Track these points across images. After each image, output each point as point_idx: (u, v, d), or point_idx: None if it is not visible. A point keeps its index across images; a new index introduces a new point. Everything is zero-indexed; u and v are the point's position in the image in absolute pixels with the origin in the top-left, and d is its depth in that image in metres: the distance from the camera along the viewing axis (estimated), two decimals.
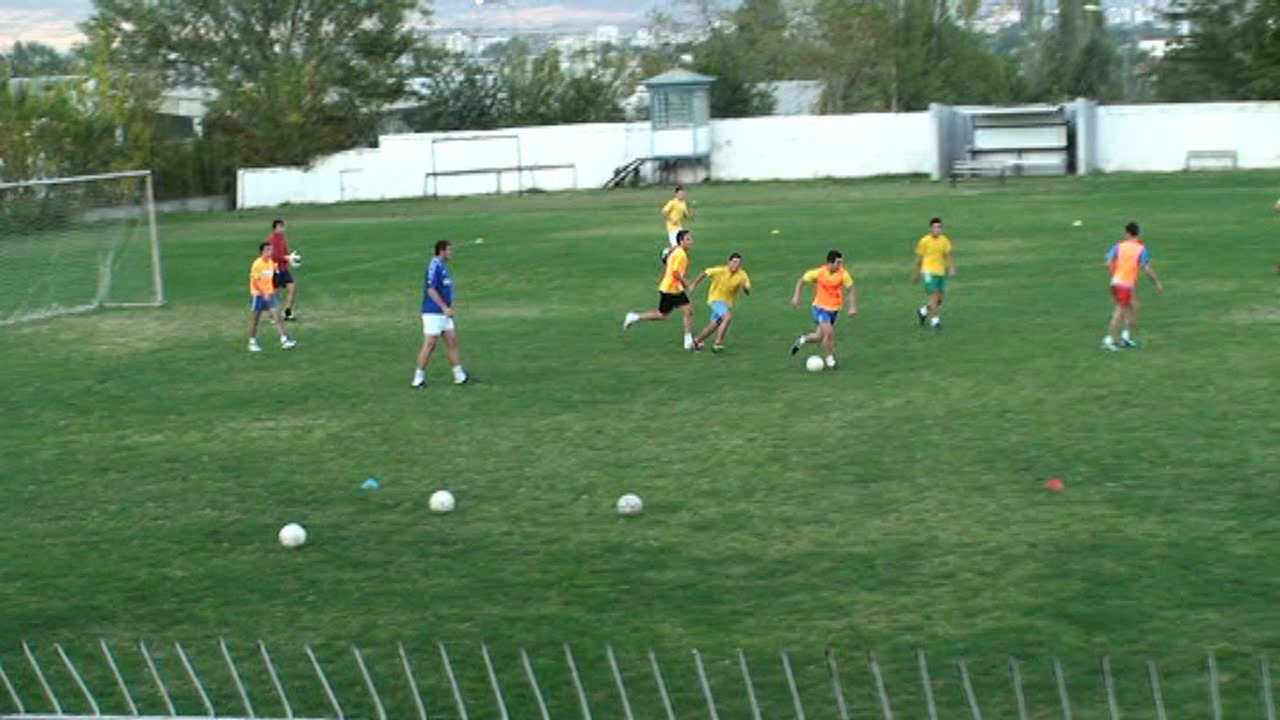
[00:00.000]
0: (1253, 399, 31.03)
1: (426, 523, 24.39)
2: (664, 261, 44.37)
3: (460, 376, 35.97)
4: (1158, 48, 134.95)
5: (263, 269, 42.42)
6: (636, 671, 16.59)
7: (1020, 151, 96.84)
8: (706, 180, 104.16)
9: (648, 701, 14.99)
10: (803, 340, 36.65)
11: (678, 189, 63.09)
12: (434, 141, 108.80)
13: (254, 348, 41.99)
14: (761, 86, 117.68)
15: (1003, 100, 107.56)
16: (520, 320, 44.86)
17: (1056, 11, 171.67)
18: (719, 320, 38.40)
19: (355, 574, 21.88)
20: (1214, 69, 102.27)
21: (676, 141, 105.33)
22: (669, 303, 39.77)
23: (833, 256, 36.91)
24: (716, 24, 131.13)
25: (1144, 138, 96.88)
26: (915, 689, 15.60)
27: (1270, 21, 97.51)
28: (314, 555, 22.75)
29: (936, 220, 42.81)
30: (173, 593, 21.26)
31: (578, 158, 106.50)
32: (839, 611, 19.59)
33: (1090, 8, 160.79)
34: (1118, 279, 36.92)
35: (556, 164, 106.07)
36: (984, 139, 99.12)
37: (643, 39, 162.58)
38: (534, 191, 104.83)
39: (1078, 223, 64.50)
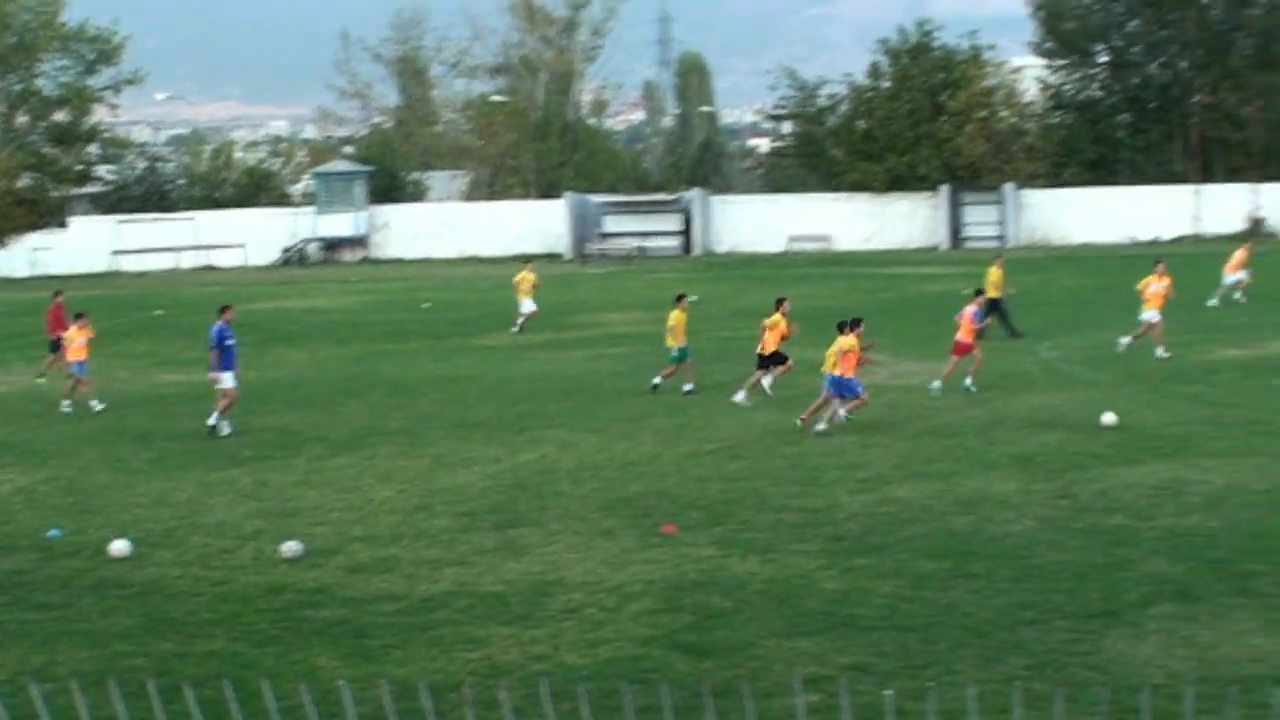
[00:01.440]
0: (842, 452, 31.64)
1: (106, 568, 23.89)
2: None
3: (212, 421, 35.96)
4: (763, 145, 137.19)
5: (77, 337, 41.13)
6: (295, 701, 16.38)
7: (643, 235, 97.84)
8: (365, 260, 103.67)
9: None
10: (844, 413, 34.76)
11: (527, 262, 62.80)
12: (119, 222, 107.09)
13: (96, 407, 40.51)
14: (416, 175, 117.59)
15: (628, 189, 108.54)
16: (196, 384, 44.17)
17: (676, 112, 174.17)
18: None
19: (39, 615, 21.37)
20: (811, 164, 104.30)
21: (339, 224, 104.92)
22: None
23: (855, 323, 35.28)
24: (376, 119, 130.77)
25: (750, 223, 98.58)
26: (543, 713, 15.62)
27: (860, 123, 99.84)
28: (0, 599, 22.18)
29: (681, 296, 42.24)
30: None
31: (249, 238, 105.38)
32: (477, 644, 19.60)
33: (705, 109, 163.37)
34: (959, 336, 38.83)
35: (230, 244, 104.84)
36: (612, 223, 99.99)
37: (310, 132, 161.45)
38: (209, 269, 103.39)
39: (694, 298, 65.32)
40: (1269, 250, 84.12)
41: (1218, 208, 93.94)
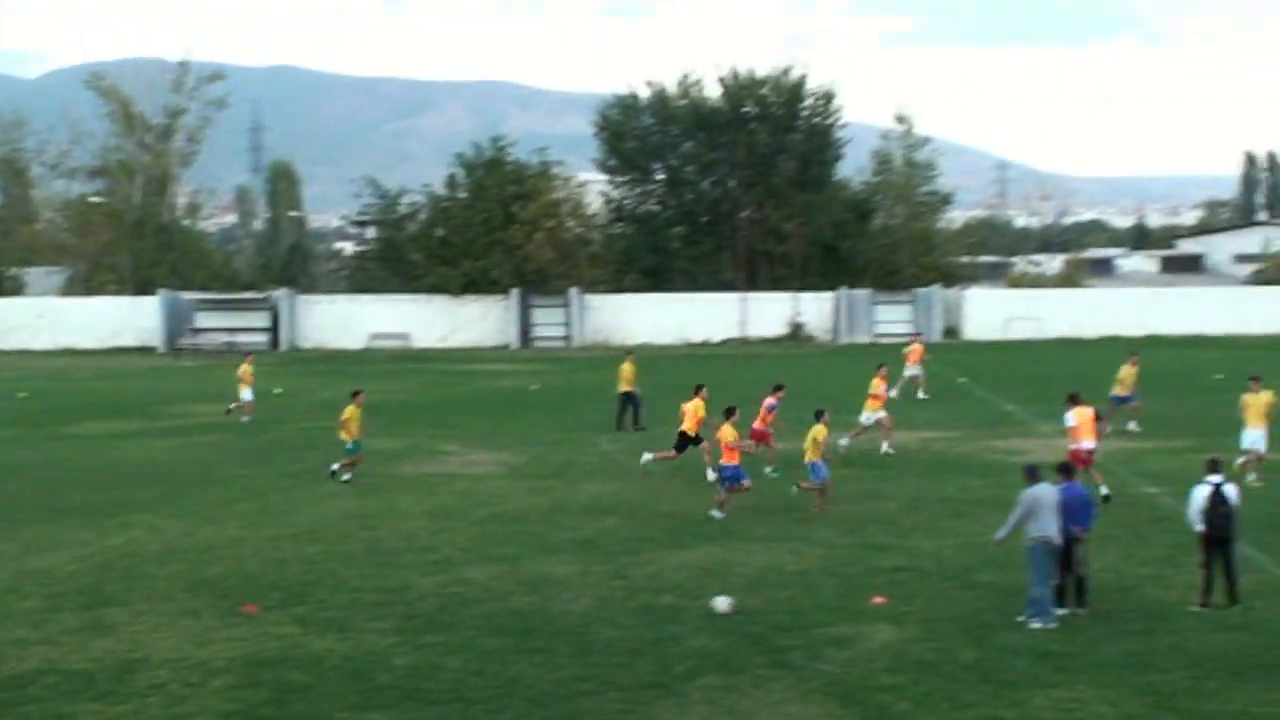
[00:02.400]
0: (416, 536, 31.55)
1: None
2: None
3: None
4: (349, 248, 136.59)
5: None
6: None
7: (233, 330, 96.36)
8: None
9: None
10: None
11: (247, 355, 60.37)
12: None
13: None
14: (14, 271, 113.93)
15: (220, 288, 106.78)
16: None
17: (267, 215, 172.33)
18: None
19: None
20: (392, 266, 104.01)
21: None
22: (685, 442, 38.79)
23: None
24: None
25: (335, 321, 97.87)
26: None
27: (437, 230, 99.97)
28: None
29: (357, 392, 41.01)
30: None
31: None
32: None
33: (294, 214, 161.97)
34: (755, 425, 39.33)
35: None
36: (204, 319, 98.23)
37: None
38: None
39: (278, 390, 64.43)
40: (806, 353, 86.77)
41: (762, 313, 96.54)
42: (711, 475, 37.25)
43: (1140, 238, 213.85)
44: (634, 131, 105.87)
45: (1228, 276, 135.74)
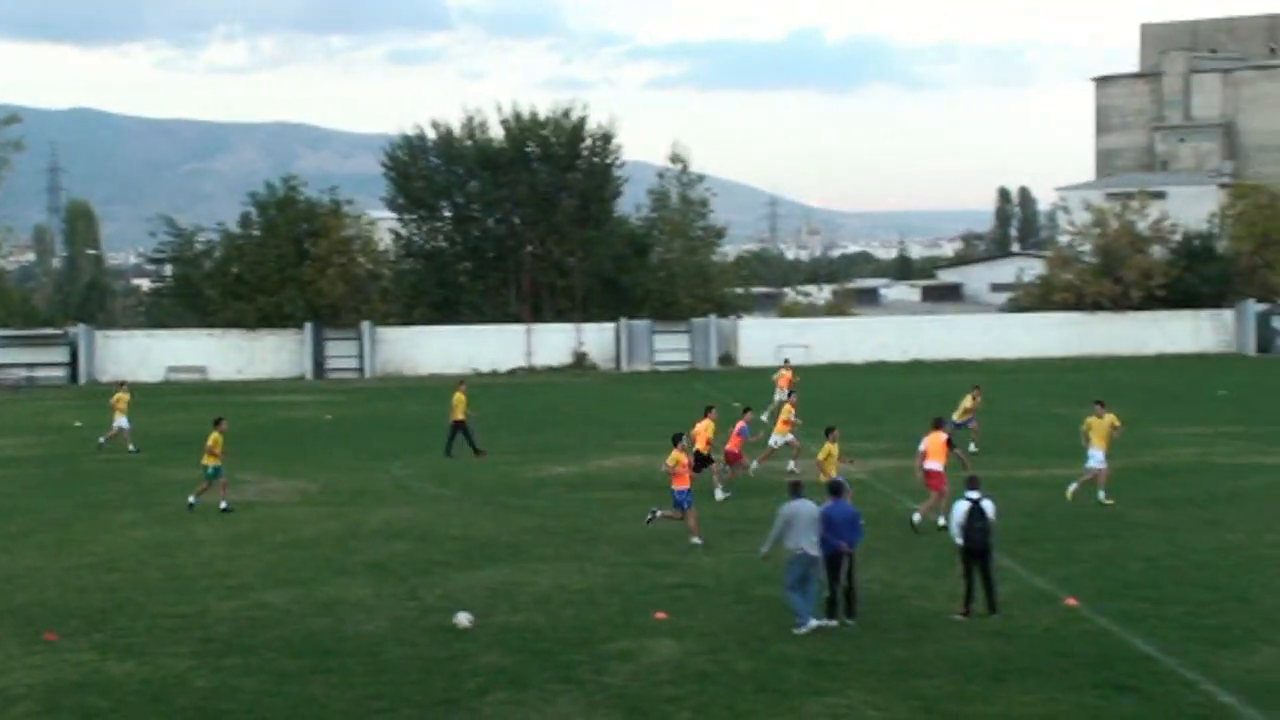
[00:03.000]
0: (213, 563, 31.07)
1: None
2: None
3: None
4: (146, 284, 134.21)
5: None
6: None
7: (32, 365, 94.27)
8: None
9: None
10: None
11: (121, 384, 58.42)
12: None
13: None
14: None
15: (18, 324, 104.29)
16: None
17: (65, 254, 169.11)
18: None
19: None
20: (189, 302, 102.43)
21: None
22: (700, 462, 37.10)
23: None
24: None
25: (132, 355, 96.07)
26: None
27: (233, 267, 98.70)
28: None
29: (219, 420, 39.72)
30: None
31: None
32: None
33: (92, 252, 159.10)
34: (728, 446, 38.76)
35: None
36: (2, 355, 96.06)
37: None
38: None
39: (78, 423, 63.12)
40: (590, 381, 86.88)
41: (547, 343, 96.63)
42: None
43: (903, 268, 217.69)
44: (421, 171, 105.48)
45: (985, 304, 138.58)
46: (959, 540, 24.80)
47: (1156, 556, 29.48)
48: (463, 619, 24.79)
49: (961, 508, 24.76)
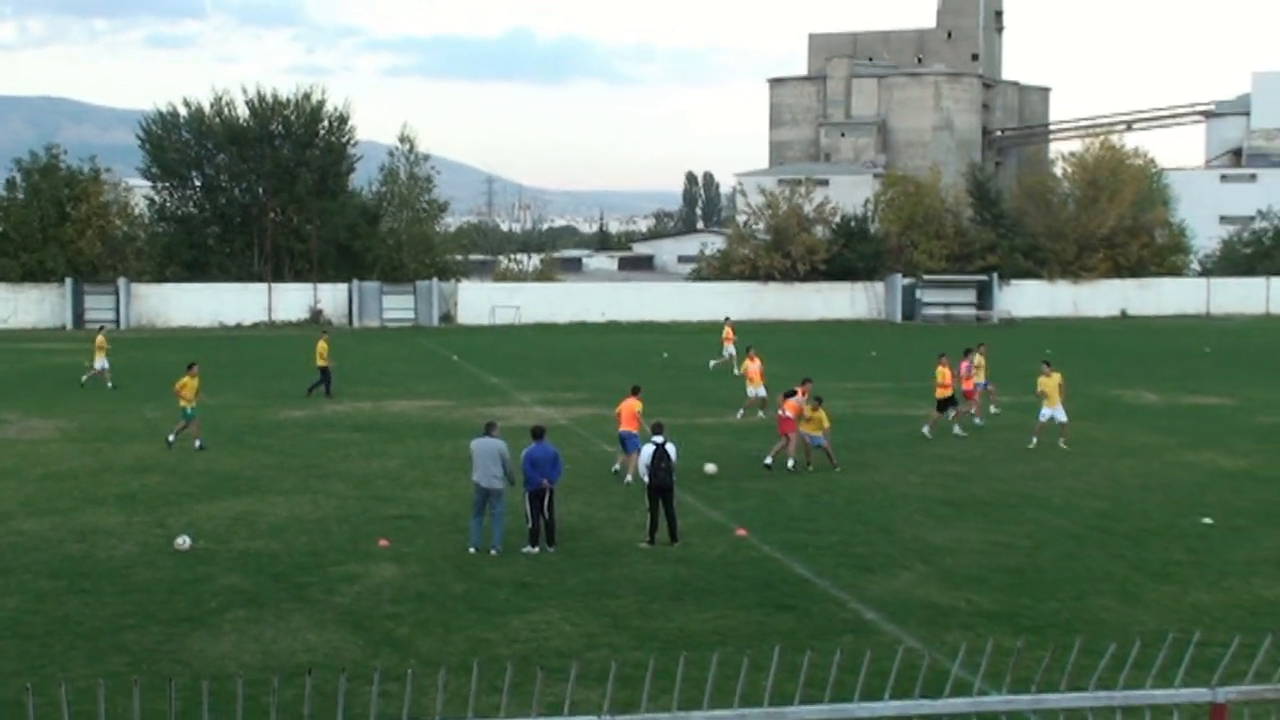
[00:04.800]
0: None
1: None
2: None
3: None
4: None
5: None
6: None
7: None
8: None
9: None
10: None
11: (100, 328, 55.46)
12: None
13: None
14: None
15: None
16: None
17: None
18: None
19: None
20: None
21: None
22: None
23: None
24: None
25: None
26: None
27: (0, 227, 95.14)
28: None
29: (192, 364, 38.48)
30: None
31: None
32: None
33: None
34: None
35: None
36: None
37: None
38: None
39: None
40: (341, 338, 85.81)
41: (287, 301, 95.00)
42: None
43: (603, 241, 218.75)
44: (174, 144, 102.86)
45: (673, 274, 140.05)
46: (646, 479, 25.11)
47: (815, 494, 30.19)
48: (182, 541, 24.40)
49: (648, 450, 25.06)
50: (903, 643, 18.47)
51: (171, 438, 37.38)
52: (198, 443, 36.76)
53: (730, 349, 60.80)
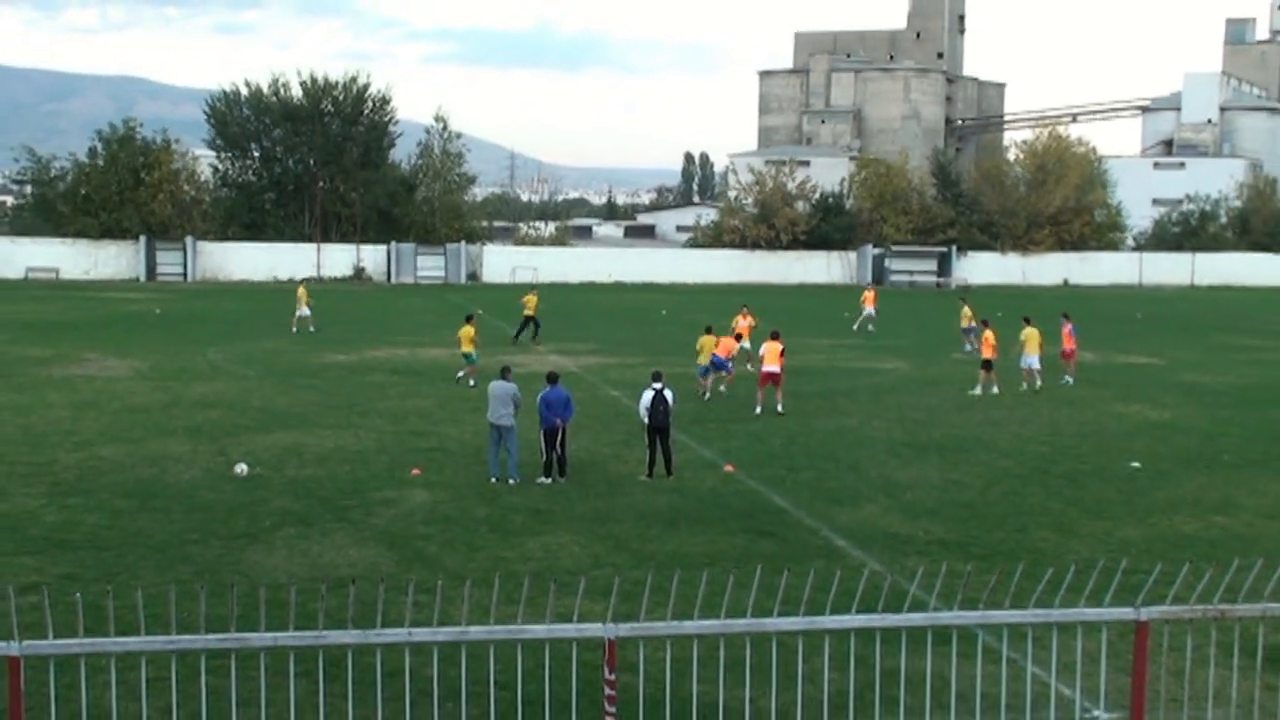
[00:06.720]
0: (61, 423, 30.02)
1: None
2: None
3: None
4: (9, 201, 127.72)
5: None
6: None
7: None
8: None
9: None
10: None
11: (302, 282, 55.13)
12: None
13: None
14: None
15: None
16: None
17: None
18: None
19: None
20: (45, 216, 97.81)
21: None
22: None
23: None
24: None
25: None
26: None
27: (82, 189, 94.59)
28: None
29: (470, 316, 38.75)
30: None
31: None
32: None
33: None
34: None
35: None
36: None
37: None
38: None
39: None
40: (367, 290, 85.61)
41: (333, 259, 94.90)
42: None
43: (611, 212, 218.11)
44: (236, 119, 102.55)
45: (672, 241, 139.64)
46: (645, 420, 25.12)
47: (793, 435, 30.22)
48: (241, 468, 24.45)
49: (648, 395, 25.05)
50: (868, 566, 18.51)
51: (460, 374, 37.92)
52: (472, 382, 36.91)
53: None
